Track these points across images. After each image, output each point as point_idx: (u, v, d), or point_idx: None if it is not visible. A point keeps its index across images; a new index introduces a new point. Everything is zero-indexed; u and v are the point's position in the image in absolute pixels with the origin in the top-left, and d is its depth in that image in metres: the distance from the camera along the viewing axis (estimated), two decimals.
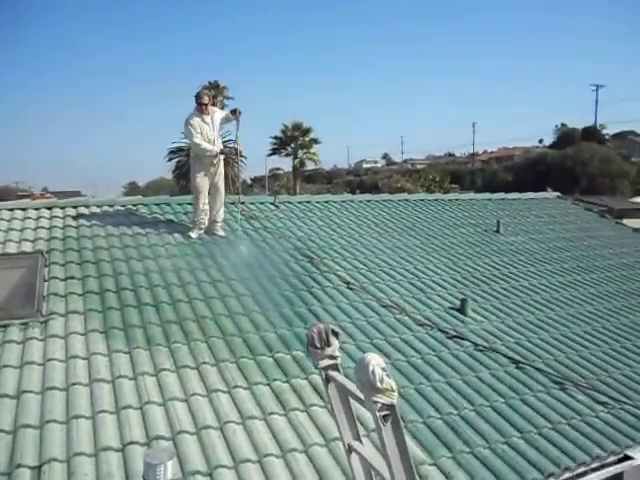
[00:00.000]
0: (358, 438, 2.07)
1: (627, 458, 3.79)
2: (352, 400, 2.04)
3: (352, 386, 1.87)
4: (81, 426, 3.26)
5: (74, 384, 3.61)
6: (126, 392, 3.59)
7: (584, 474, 3.62)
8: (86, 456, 3.05)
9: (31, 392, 3.50)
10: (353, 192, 38.12)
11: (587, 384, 4.45)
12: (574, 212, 9.98)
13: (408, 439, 3.52)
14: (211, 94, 6.84)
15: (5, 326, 4.21)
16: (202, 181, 6.36)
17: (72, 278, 4.99)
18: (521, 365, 4.57)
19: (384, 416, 1.65)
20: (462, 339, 4.83)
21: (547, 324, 5.43)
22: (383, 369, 1.61)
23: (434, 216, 8.35)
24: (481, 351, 4.71)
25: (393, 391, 1.63)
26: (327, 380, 2.00)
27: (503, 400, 4.10)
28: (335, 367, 2.00)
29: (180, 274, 5.27)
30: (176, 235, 6.16)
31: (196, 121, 6.26)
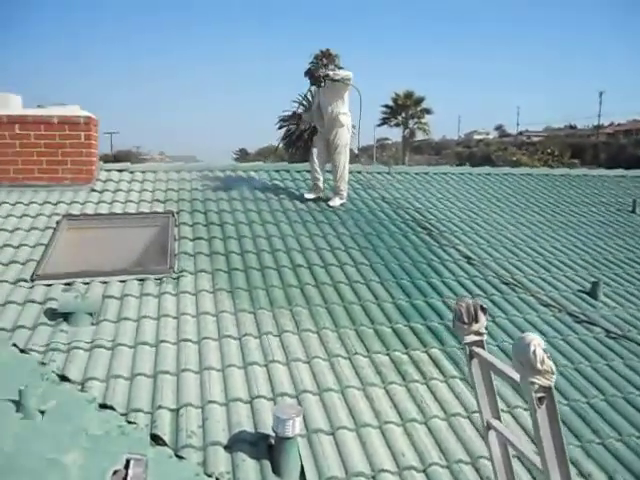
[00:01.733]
0: (498, 416, 2.01)
1: None
2: (494, 378, 1.98)
3: (500, 364, 1.81)
4: (212, 377, 3.46)
5: (205, 338, 3.84)
6: (252, 349, 3.76)
7: None
8: (218, 405, 3.24)
9: (167, 342, 3.77)
10: (463, 164, 36.89)
11: None
12: None
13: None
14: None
15: (142, 280, 4.55)
16: (316, 145, 6.48)
17: (200, 239, 5.27)
18: None
19: (539, 398, 1.57)
20: (592, 324, 4.53)
21: None
22: (544, 350, 1.54)
23: (560, 192, 7.85)
24: (614, 339, 4.39)
25: (552, 373, 1.55)
26: (471, 356, 1.96)
27: (638, 393, 3.82)
28: (480, 344, 1.94)
29: (300, 240, 5.39)
30: (296, 202, 6.29)
31: None
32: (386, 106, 36.62)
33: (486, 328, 1.97)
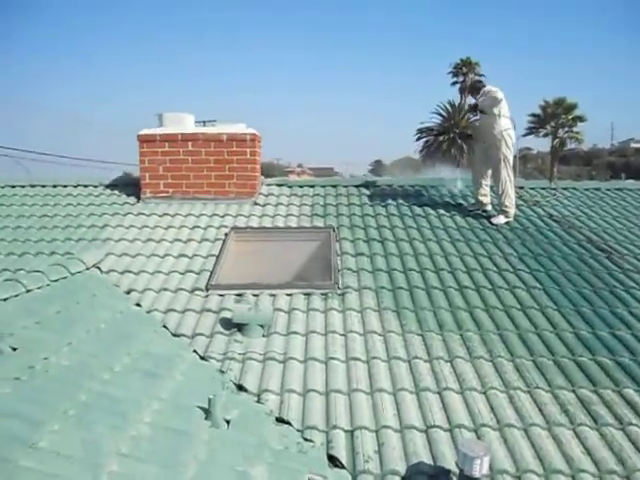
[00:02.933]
0: None
1: None
2: None
3: None
4: (385, 400, 3.38)
5: (374, 358, 3.78)
6: (423, 374, 3.63)
7: None
8: (392, 430, 3.15)
9: (337, 359, 3.76)
10: (616, 176, 33.65)
11: None
12: None
13: None
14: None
15: (308, 294, 4.62)
16: (476, 159, 6.40)
17: (361, 254, 5.26)
18: None
19: None
20: None
21: None
22: None
23: None
24: None
25: None
26: None
27: None
28: None
29: (464, 259, 5.16)
30: (457, 218, 6.07)
31: None
32: (533, 115, 34.65)
33: None
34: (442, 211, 6.26)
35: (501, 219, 5.97)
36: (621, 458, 3.00)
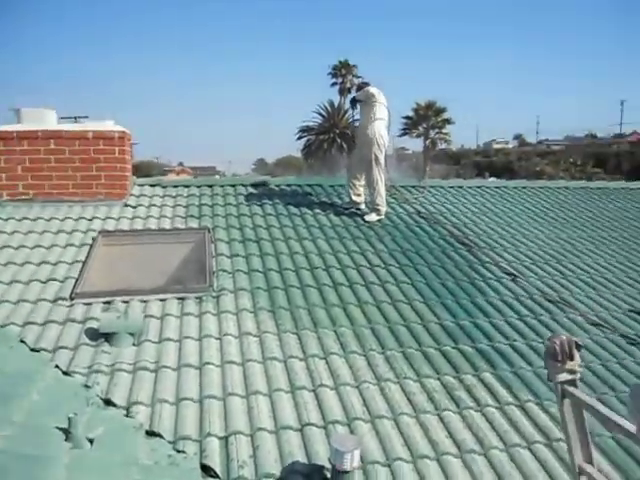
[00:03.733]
0: (590, 460, 1.87)
1: None
2: (587, 419, 1.85)
3: (603, 408, 1.68)
4: (260, 402, 3.36)
5: (249, 360, 3.74)
6: (299, 373, 3.65)
7: None
8: (268, 432, 3.13)
9: (212, 364, 3.67)
10: (481, 174, 36.50)
11: None
12: None
13: (597, 454, 3.23)
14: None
15: (182, 298, 4.47)
16: (351, 159, 6.70)
17: (237, 255, 5.19)
18: None
19: None
20: None
21: None
22: None
23: (599, 206, 7.66)
24: None
25: None
26: (563, 395, 1.82)
27: None
28: (573, 382, 1.81)
29: (338, 257, 5.29)
30: (332, 217, 6.19)
31: None
32: (407, 117, 36.45)
33: (580, 365, 1.84)
34: (318, 210, 6.36)
35: (373, 217, 6.20)
36: (479, 438, 3.23)
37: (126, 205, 6.18)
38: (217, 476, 2.84)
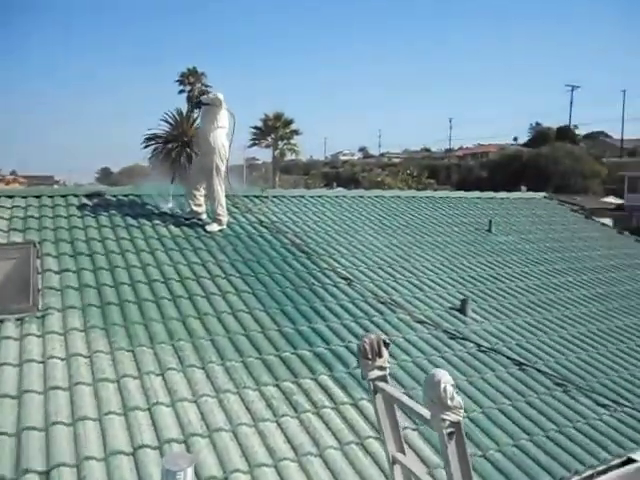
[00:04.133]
0: (402, 450, 2.02)
1: (630, 461, 3.85)
2: (397, 411, 2.00)
3: (407, 399, 1.82)
4: (88, 428, 3.14)
5: (77, 383, 3.48)
6: (133, 392, 3.48)
7: (590, 477, 3.66)
8: (96, 460, 2.94)
9: (33, 392, 3.36)
10: (329, 184, 38.09)
11: (588, 387, 4.50)
12: (560, 212, 10.13)
13: (421, 443, 3.51)
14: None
15: (0, 321, 4.04)
16: (192, 168, 6.46)
17: (67, 271, 4.81)
18: (524, 367, 4.60)
19: (449, 433, 1.60)
20: (465, 340, 4.83)
21: (545, 325, 5.48)
22: (453, 386, 1.56)
23: (426, 214, 8.36)
24: (484, 352, 4.72)
25: (461, 409, 1.58)
26: (375, 391, 1.95)
27: (509, 402, 4.12)
28: (384, 378, 1.94)
29: (178, 269, 5.14)
30: (172, 228, 6.01)
31: None
32: (256, 127, 36.86)
33: (388, 361, 1.98)
34: (157, 221, 6.14)
35: (215, 227, 6.14)
36: (315, 440, 3.34)
37: None
38: None
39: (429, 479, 1.91)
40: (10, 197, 6.22)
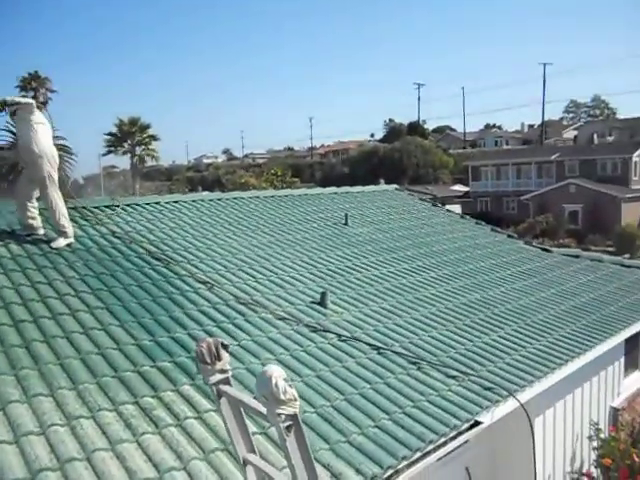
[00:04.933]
0: (252, 450, 2.04)
1: (477, 423, 4.24)
2: (244, 412, 2.01)
3: (248, 399, 1.84)
4: None
5: None
6: None
7: (444, 444, 3.97)
8: None
9: None
10: (194, 189, 37.34)
11: (439, 362, 4.88)
12: (410, 202, 10.82)
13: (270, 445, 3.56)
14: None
15: None
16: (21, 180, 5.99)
17: None
18: (382, 351, 4.86)
19: (287, 427, 1.64)
20: (326, 331, 4.99)
21: (399, 309, 5.83)
22: (285, 379, 1.61)
23: (285, 212, 8.49)
24: (344, 341, 4.91)
25: (295, 400, 1.63)
26: (219, 395, 1.94)
27: (370, 386, 4.33)
28: (226, 381, 1.94)
29: (20, 291, 4.72)
30: (12, 247, 5.49)
31: None
32: (110, 134, 34.92)
33: (229, 364, 1.98)
34: None
35: (61, 242, 5.71)
36: (178, 453, 3.25)
37: None
38: None
39: (281, 476, 1.94)
40: None
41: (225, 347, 1.90)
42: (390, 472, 3.57)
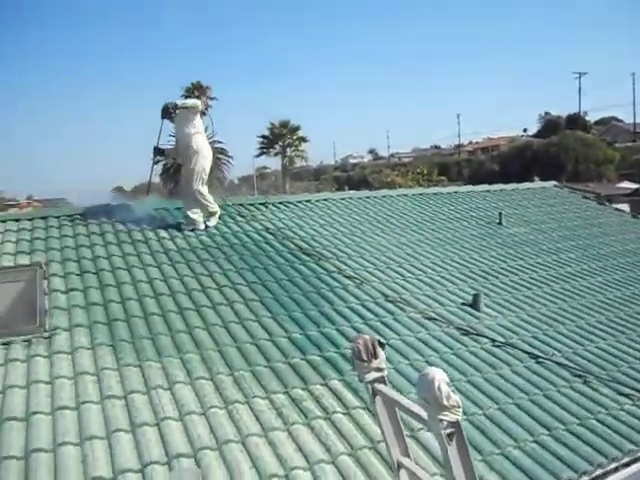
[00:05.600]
0: (407, 454, 1.95)
1: None
2: (399, 413, 1.92)
3: (405, 401, 1.75)
4: (96, 448, 3.10)
5: (85, 402, 3.45)
6: (141, 408, 3.44)
7: (616, 470, 3.53)
8: None
9: (41, 413, 3.33)
10: (341, 188, 38.08)
11: (609, 376, 4.37)
12: (572, 200, 9.93)
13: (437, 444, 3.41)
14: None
15: (8, 343, 4.03)
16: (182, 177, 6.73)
17: (73, 290, 4.81)
18: (541, 360, 4.48)
19: (449, 434, 1.52)
20: (479, 335, 4.73)
21: (561, 316, 5.34)
22: (448, 384, 1.49)
23: (435, 210, 8.25)
24: (499, 347, 4.61)
25: (459, 407, 1.50)
26: (374, 394, 1.88)
27: (527, 397, 4.00)
28: (382, 380, 1.87)
29: (185, 281, 5.11)
30: (178, 240, 5.99)
31: None
32: (263, 136, 36.96)
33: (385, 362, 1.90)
34: (164, 234, 6.12)
35: (212, 221, 6.44)
36: (327, 446, 3.26)
37: None
38: None
39: None
40: (16, 220, 6.26)
41: (382, 345, 1.83)
42: None
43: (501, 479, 3.24)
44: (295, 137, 36.50)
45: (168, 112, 6.28)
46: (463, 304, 5.30)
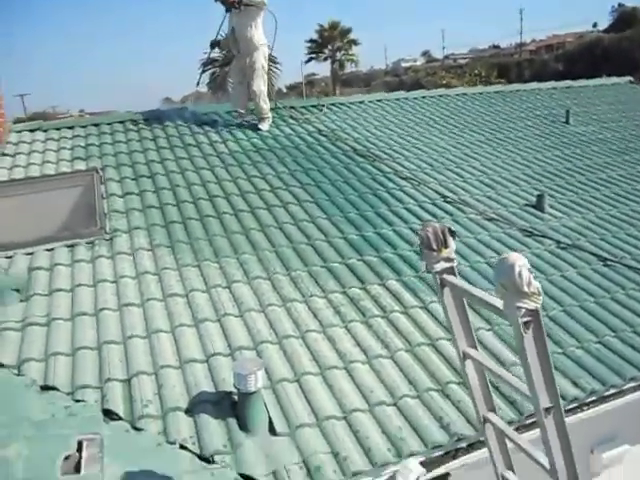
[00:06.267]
0: (474, 345, 1.88)
1: None
2: (467, 306, 1.84)
3: (477, 291, 1.66)
4: (163, 340, 3.22)
5: (149, 299, 3.56)
6: (202, 305, 3.52)
7: None
8: (172, 368, 3.02)
9: (109, 309, 3.46)
10: None
11: None
12: None
13: (496, 341, 3.38)
14: None
15: (72, 245, 4.16)
16: (233, 71, 6.68)
17: (130, 194, 4.87)
18: (610, 262, 4.27)
19: (526, 323, 1.43)
20: (543, 237, 4.53)
21: (633, 217, 5.03)
22: (529, 270, 1.37)
23: (496, 109, 7.77)
24: (564, 249, 4.42)
25: (540, 295, 1.40)
26: (442, 285, 1.79)
27: (593, 299, 3.85)
28: (451, 270, 1.77)
29: (238, 183, 5.08)
30: (230, 144, 5.91)
31: None
32: (311, 40, 35.54)
33: (456, 252, 1.80)
34: (215, 138, 6.05)
35: (265, 125, 6.29)
36: (385, 343, 3.27)
37: (3, 154, 5.61)
38: (120, 418, 2.72)
39: (504, 372, 1.77)
40: (70, 128, 6.31)
41: (452, 234, 1.71)
42: (612, 391, 3.20)
43: (563, 376, 3.18)
44: (345, 40, 34.93)
45: (230, 3, 6.06)
46: (526, 205, 5.07)
